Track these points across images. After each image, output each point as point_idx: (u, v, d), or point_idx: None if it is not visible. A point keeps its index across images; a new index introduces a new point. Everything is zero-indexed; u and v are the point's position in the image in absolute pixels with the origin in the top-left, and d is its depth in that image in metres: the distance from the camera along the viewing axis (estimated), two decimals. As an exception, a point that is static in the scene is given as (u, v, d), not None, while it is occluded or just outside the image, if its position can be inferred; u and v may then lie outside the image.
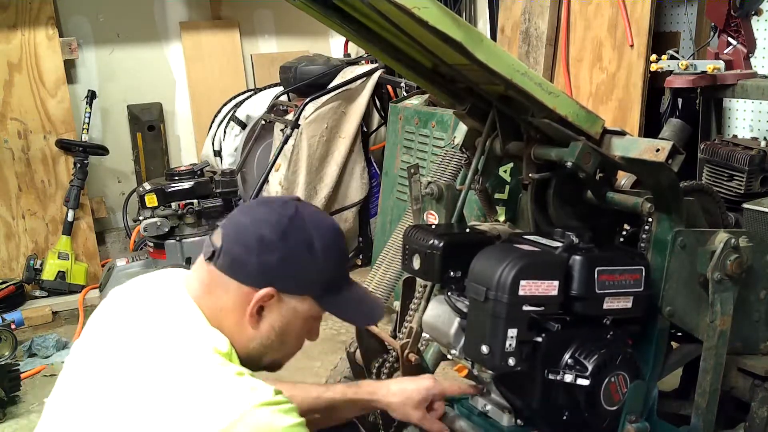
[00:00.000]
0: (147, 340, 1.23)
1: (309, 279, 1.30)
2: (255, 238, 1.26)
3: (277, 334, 1.32)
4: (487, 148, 1.78)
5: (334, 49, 5.79)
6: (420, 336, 1.80)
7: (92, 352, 1.29)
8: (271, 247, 1.26)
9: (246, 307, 1.27)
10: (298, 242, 1.28)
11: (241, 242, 1.27)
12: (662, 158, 1.43)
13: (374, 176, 4.76)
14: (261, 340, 1.32)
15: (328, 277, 1.33)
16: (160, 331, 1.24)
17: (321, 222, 1.34)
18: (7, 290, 4.21)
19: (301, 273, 1.29)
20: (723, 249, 1.52)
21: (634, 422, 1.45)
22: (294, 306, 1.31)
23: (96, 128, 5.12)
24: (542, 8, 3.84)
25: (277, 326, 1.31)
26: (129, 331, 1.27)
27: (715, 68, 2.71)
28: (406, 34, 1.44)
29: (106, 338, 1.29)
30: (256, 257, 1.26)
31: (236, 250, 1.27)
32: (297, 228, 1.29)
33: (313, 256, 1.29)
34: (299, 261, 1.28)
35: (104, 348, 1.27)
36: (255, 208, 1.34)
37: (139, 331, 1.25)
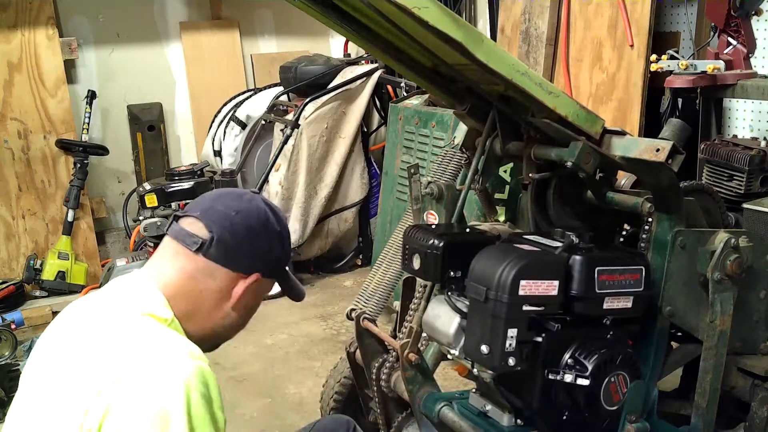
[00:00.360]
0: (100, 319, 1.31)
1: (281, 263, 1.48)
2: (244, 229, 1.40)
3: (247, 311, 1.46)
4: (487, 148, 1.79)
5: (334, 49, 5.79)
6: (420, 336, 1.80)
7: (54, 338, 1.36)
8: (258, 236, 1.41)
9: (231, 290, 1.39)
10: (274, 232, 1.44)
11: (233, 233, 1.38)
12: (662, 158, 1.43)
13: (374, 176, 4.76)
14: (233, 319, 1.43)
15: (285, 261, 1.50)
16: (115, 313, 1.31)
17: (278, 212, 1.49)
18: (7, 290, 4.21)
19: (277, 258, 1.46)
20: (723, 249, 1.53)
21: (634, 422, 1.45)
22: (265, 286, 1.46)
23: (96, 128, 5.12)
24: (542, 8, 3.84)
25: (249, 304, 1.44)
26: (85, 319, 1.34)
27: (715, 68, 2.71)
28: (406, 34, 1.44)
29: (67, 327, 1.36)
30: (249, 247, 1.39)
31: (230, 241, 1.38)
32: (271, 218, 1.45)
33: (283, 244, 1.47)
34: (276, 249, 1.45)
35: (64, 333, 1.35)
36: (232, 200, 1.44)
37: (94, 315, 1.33)
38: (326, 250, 4.75)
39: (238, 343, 3.69)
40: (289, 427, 2.81)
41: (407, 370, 1.81)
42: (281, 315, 4.07)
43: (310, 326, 3.88)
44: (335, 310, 4.08)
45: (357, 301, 2.29)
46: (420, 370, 1.84)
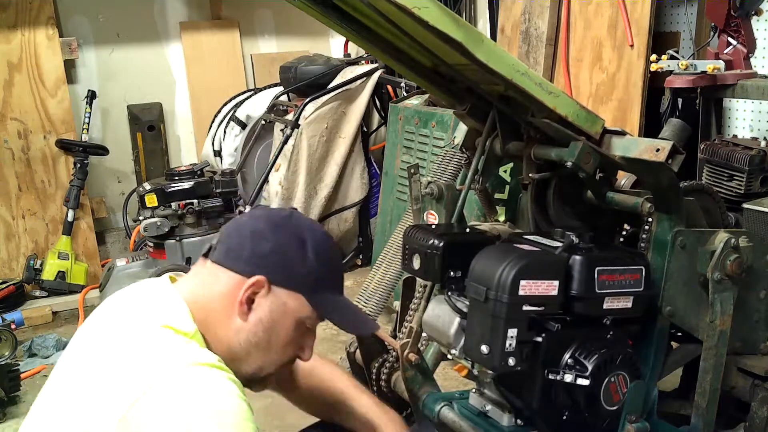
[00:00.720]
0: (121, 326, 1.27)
1: (299, 273, 1.31)
2: (249, 230, 1.32)
3: (265, 329, 1.30)
4: (487, 148, 1.78)
5: (334, 49, 5.79)
6: (420, 336, 1.80)
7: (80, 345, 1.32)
8: (264, 237, 1.31)
9: (236, 296, 1.28)
10: (290, 236, 1.32)
11: (237, 234, 1.33)
12: (662, 158, 1.43)
13: (374, 176, 4.76)
14: (248, 335, 1.30)
15: (319, 277, 1.33)
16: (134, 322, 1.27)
17: (315, 227, 1.39)
18: (7, 290, 4.21)
19: (291, 265, 1.31)
20: (723, 249, 1.52)
21: (634, 422, 1.45)
22: (284, 301, 1.30)
23: (96, 128, 5.12)
24: (542, 8, 3.84)
25: (266, 320, 1.30)
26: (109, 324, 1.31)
27: (715, 68, 2.71)
28: (406, 34, 1.44)
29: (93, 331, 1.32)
30: (249, 246, 1.30)
31: (231, 241, 1.32)
32: (291, 225, 1.34)
33: (304, 252, 1.32)
34: (290, 253, 1.31)
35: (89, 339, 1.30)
36: (254, 210, 1.43)
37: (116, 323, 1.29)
38: (326, 250, 4.75)
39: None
40: (289, 428, 2.80)
41: (407, 370, 1.81)
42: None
43: (310, 326, 3.88)
44: (335, 310, 4.07)
45: (357, 301, 2.29)
46: (420, 370, 1.83)
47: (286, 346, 1.34)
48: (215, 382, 1.15)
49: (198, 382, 1.14)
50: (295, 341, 1.35)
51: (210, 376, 1.15)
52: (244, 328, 1.30)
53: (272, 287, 1.29)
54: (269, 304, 1.30)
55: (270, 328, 1.30)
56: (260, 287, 1.29)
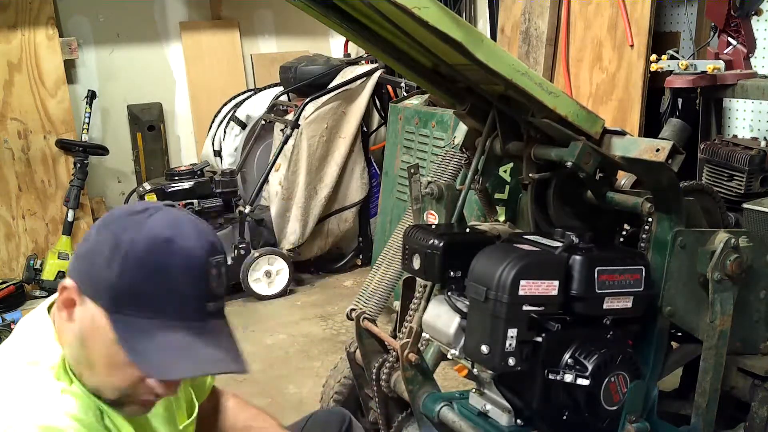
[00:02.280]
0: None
1: (100, 284, 1.08)
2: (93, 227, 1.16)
3: (81, 344, 1.10)
4: (487, 148, 1.79)
5: (334, 49, 5.79)
6: (420, 336, 1.80)
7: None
8: (87, 237, 1.14)
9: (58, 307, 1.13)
10: (108, 237, 1.10)
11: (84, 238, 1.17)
12: (662, 158, 1.43)
13: (374, 176, 4.76)
14: (70, 349, 1.12)
15: (120, 293, 1.07)
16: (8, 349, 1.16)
17: (158, 229, 1.09)
18: (7, 290, 4.21)
19: (96, 272, 1.09)
20: (723, 249, 1.52)
21: (634, 422, 1.45)
22: (92, 314, 1.08)
23: (96, 128, 5.12)
24: (542, 8, 3.84)
25: (77, 330, 1.10)
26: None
27: (715, 68, 2.71)
28: (406, 34, 1.44)
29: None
30: (77, 247, 1.15)
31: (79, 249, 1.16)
32: (120, 223, 1.11)
33: (111, 259, 1.07)
34: (98, 258, 1.09)
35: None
36: None
37: None
38: (326, 250, 4.75)
39: (238, 343, 3.68)
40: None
41: (407, 370, 1.81)
42: (281, 315, 4.07)
43: (310, 326, 3.88)
44: (335, 310, 4.08)
45: (357, 301, 2.29)
46: (420, 370, 1.84)
47: (112, 371, 1.10)
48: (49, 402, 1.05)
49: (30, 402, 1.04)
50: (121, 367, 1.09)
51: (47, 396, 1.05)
52: (67, 340, 1.12)
53: (82, 296, 1.10)
54: (80, 315, 1.10)
55: (84, 343, 1.10)
56: (71, 294, 1.10)
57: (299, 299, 4.31)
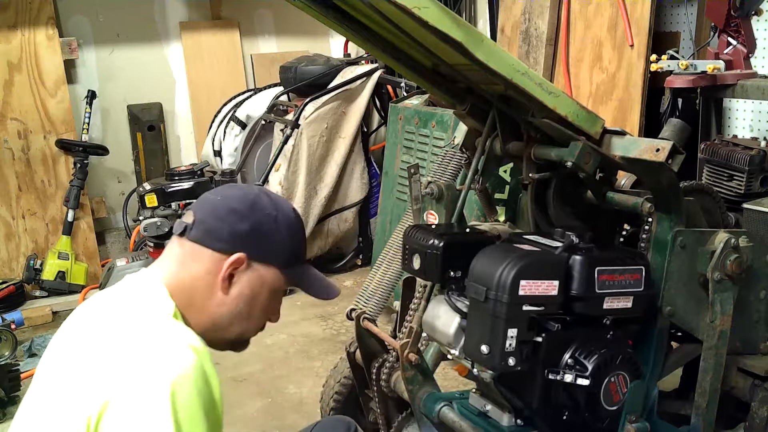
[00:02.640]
0: (105, 315, 1.32)
1: (275, 249, 1.40)
2: (226, 210, 1.38)
3: (245, 301, 1.39)
4: (487, 148, 1.79)
5: (334, 49, 5.79)
6: (420, 336, 1.80)
7: (62, 341, 1.35)
8: (241, 216, 1.38)
9: (218, 273, 1.36)
10: (265, 214, 1.40)
11: (214, 214, 1.38)
12: (662, 158, 1.43)
13: (374, 176, 4.76)
14: (229, 307, 1.38)
15: (291, 251, 1.44)
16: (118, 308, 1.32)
17: (283, 203, 1.46)
18: (7, 290, 4.21)
19: (268, 242, 1.39)
20: (723, 249, 1.53)
21: (634, 422, 1.45)
22: (262, 274, 1.39)
23: (96, 128, 5.12)
24: (542, 8, 3.84)
25: (246, 293, 1.39)
26: (91, 319, 1.34)
27: (715, 68, 2.71)
28: (406, 34, 1.44)
29: (74, 327, 1.36)
30: (228, 226, 1.36)
31: (209, 221, 1.37)
32: (263, 203, 1.42)
33: (278, 228, 1.41)
34: (267, 230, 1.39)
35: (70, 335, 1.34)
36: (223, 189, 1.46)
37: (98, 315, 1.33)
38: (326, 250, 4.75)
39: (238, 343, 3.69)
40: (289, 428, 2.81)
41: (407, 370, 1.81)
42: (281, 315, 4.07)
43: (310, 326, 3.88)
44: (335, 310, 4.08)
45: (357, 301, 2.29)
46: (420, 370, 1.84)
47: (263, 313, 1.45)
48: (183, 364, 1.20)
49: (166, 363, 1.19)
50: (270, 308, 1.46)
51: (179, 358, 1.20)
52: (226, 301, 1.38)
53: (251, 263, 1.38)
54: (248, 278, 1.38)
55: (249, 300, 1.40)
56: (240, 264, 1.36)
57: (299, 299, 4.31)
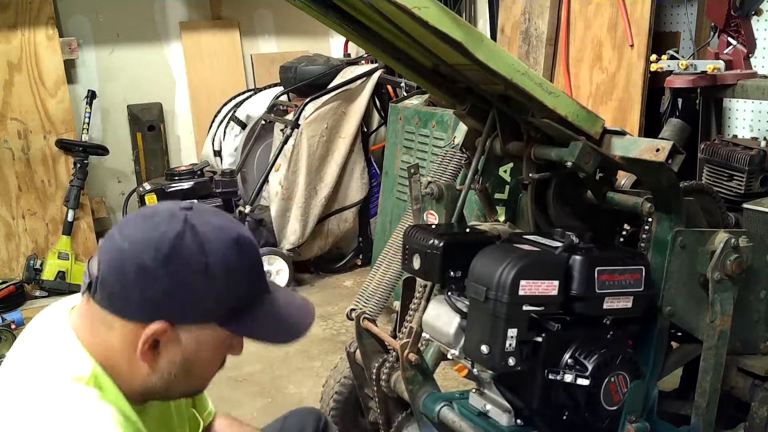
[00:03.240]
0: (14, 375, 1.12)
1: (207, 306, 1.10)
2: (134, 268, 1.06)
3: (180, 368, 1.13)
4: (487, 148, 1.79)
5: (334, 49, 5.79)
6: (420, 336, 1.80)
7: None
8: (153, 277, 1.06)
9: (135, 346, 1.08)
10: (187, 267, 1.07)
11: (119, 273, 1.07)
12: (662, 158, 1.43)
13: (374, 176, 4.76)
14: (162, 375, 1.13)
15: (233, 299, 1.12)
16: (30, 365, 1.12)
17: (218, 235, 1.11)
18: (7, 290, 4.21)
19: (195, 300, 1.09)
20: (723, 249, 1.53)
21: (634, 422, 1.45)
22: (195, 336, 1.11)
23: (96, 128, 5.12)
24: (542, 8, 3.84)
25: (179, 360, 1.12)
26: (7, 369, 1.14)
27: (715, 68, 2.71)
28: (406, 34, 1.44)
29: None
30: (138, 291, 1.06)
31: (113, 284, 1.08)
32: (185, 251, 1.08)
33: (210, 279, 1.08)
34: (191, 288, 1.08)
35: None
36: (136, 225, 1.11)
37: (13, 369, 1.14)
38: (326, 250, 4.75)
39: (238, 343, 3.68)
40: (289, 427, 2.81)
41: (407, 370, 1.82)
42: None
43: (310, 326, 3.88)
44: (335, 310, 4.08)
45: (357, 301, 2.29)
46: (420, 370, 1.84)
47: (209, 370, 1.20)
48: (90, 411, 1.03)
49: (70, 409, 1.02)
50: (217, 361, 1.20)
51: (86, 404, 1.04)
52: (156, 372, 1.13)
53: (177, 327, 1.09)
54: (179, 344, 1.11)
55: (186, 365, 1.14)
56: (162, 334, 1.08)
57: (299, 299, 4.31)
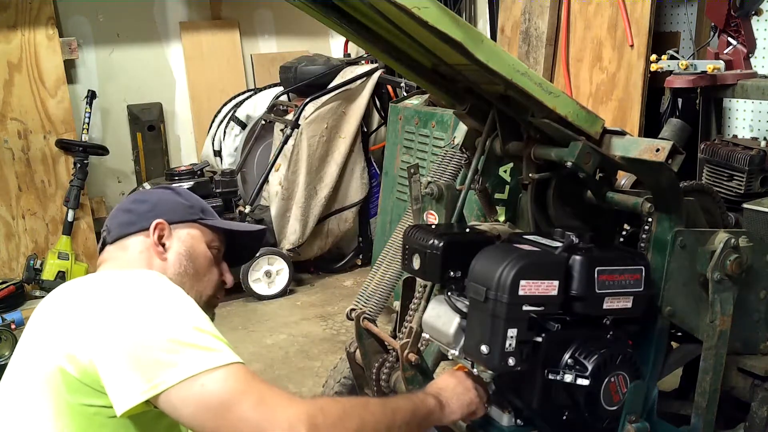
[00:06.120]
0: (88, 289, 1.36)
1: (186, 208, 1.56)
2: (128, 203, 1.56)
3: (187, 258, 1.51)
4: (487, 148, 1.78)
5: (334, 49, 5.79)
6: (420, 336, 1.80)
7: (39, 321, 1.39)
8: (142, 200, 1.54)
9: (149, 247, 1.48)
10: (161, 191, 1.59)
11: (119, 212, 1.54)
12: (662, 158, 1.43)
13: (374, 176, 4.76)
14: (174, 268, 1.49)
15: (201, 206, 1.59)
16: (99, 282, 1.37)
17: (172, 186, 1.69)
18: (7, 290, 4.21)
19: (176, 206, 1.55)
20: (723, 249, 1.52)
21: (634, 422, 1.45)
22: (187, 231, 1.53)
23: (96, 128, 5.12)
24: (542, 8, 3.84)
25: (183, 250, 1.51)
26: (70, 295, 1.37)
27: (715, 68, 2.71)
28: (406, 34, 1.44)
29: (50, 310, 1.38)
30: (135, 212, 1.52)
31: (118, 219, 1.52)
32: (158, 188, 1.62)
33: (180, 194, 1.59)
34: (170, 199, 1.56)
35: (49, 313, 1.37)
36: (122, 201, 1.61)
37: (78, 290, 1.37)
38: (326, 250, 4.75)
39: (238, 343, 3.69)
40: (289, 427, 2.81)
41: (407, 370, 1.81)
42: (281, 315, 4.07)
43: (310, 326, 3.88)
44: (335, 310, 4.08)
45: (357, 301, 2.29)
46: (420, 370, 1.83)
47: (211, 269, 1.55)
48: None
49: None
50: (214, 264, 1.57)
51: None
52: (168, 264, 1.48)
53: (172, 227, 1.51)
54: (178, 239, 1.51)
55: (189, 255, 1.51)
56: (163, 229, 1.49)
57: (299, 299, 4.32)
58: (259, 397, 1.17)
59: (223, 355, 1.20)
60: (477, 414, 1.57)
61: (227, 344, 1.23)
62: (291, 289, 4.37)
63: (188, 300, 1.29)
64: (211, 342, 1.21)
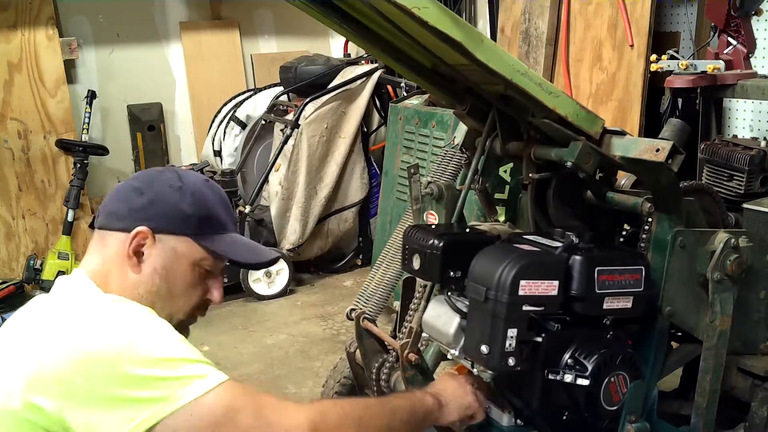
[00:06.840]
0: (43, 311, 1.34)
1: (180, 217, 1.33)
2: (126, 189, 1.36)
3: (161, 277, 1.33)
4: (487, 148, 1.78)
5: (334, 49, 5.79)
6: (420, 336, 1.80)
7: None
8: (140, 192, 1.34)
9: (124, 252, 1.31)
10: (166, 186, 1.35)
11: (115, 197, 1.37)
12: (662, 158, 1.43)
13: (374, 176, 4.76)
14: (146, 286, 1.32)
15: (201, 217, 1.35)
16: (53, 302, 1.34)
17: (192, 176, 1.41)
18: (7, 290, 4.21)
19: (171, 211, 1.33)
20: (723, 249, 1.52)
21: (634, 422, 1.45)
22: (173, 245, 1.33)
23: (96, 128, 5.12)
24: (542, 8, 3.84)
25: (160, 268, 1.32)
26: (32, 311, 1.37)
27: (715, 68, 2.71)
28: (406, 34, 1.44)
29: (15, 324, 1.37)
30: (127, 204, 1.33)
31: (110, 205, 1.36)
32: (167, 177, 1.37)
33: (182, 195, 1.34)
34: (169, 200, 1.33)
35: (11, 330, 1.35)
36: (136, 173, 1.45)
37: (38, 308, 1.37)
38: (326, 250, 4.75)
39: (238, 343, 3.69)
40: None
41: (407, 370, 1.81)
42: (281, 315, 4.07)
43: (310, 326, 3.88)
44: (335, 310, 4.08)
45: (357, 301, 2.29)
46: (420, 370, 1.83)
47: (189, 290, 1.37)
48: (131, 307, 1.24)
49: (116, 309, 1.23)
50: (197, 284, 1.38)
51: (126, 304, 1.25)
52: (141, 280, 1.32)
53: (157, 236, 1.32)
54: (158, 252, 1.32)
55: (166, 275, 1.33)
56: (144, 238, 1.31)
57: (299, 299, 4.32)
58: (257, 407, 1.18)
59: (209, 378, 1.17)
60: (475, 418, 1.58)
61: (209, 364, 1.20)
62: (291, 289, 4.37)
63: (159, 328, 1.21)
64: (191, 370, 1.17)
